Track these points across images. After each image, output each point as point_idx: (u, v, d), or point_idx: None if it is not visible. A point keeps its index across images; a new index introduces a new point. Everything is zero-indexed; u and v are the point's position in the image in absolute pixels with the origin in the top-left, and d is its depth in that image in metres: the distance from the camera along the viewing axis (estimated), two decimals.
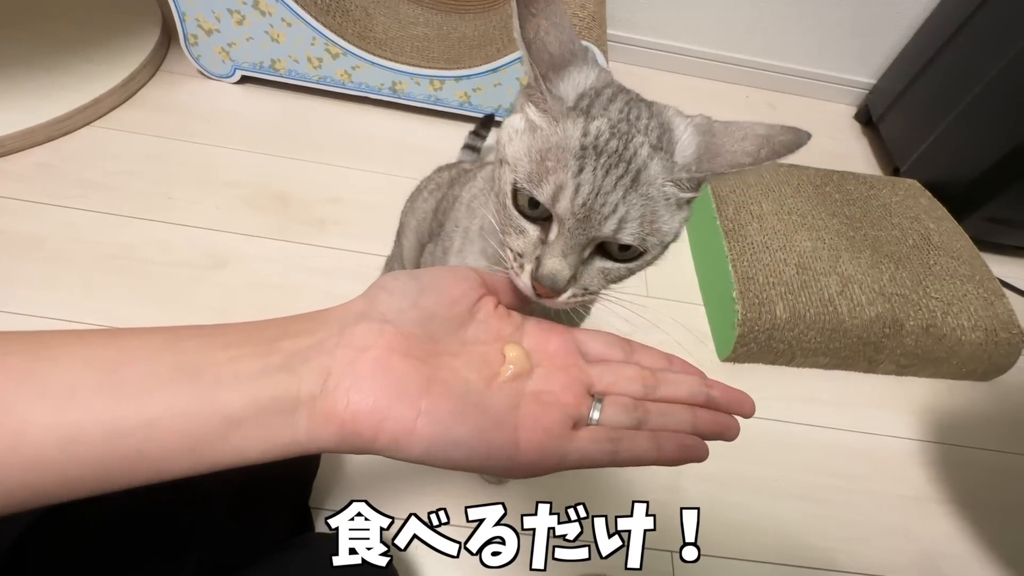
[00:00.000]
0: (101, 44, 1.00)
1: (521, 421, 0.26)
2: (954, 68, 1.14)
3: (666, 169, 0.29)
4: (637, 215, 0.28)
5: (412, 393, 0.24)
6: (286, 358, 0.24)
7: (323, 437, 0.24)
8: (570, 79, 0.30)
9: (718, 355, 0.86)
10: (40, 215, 0.81)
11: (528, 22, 0.29)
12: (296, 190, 0.92)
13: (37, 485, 0.21)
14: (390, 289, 0.28)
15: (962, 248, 0.96)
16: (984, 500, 0.77)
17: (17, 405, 0.21)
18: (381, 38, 1.06)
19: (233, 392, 0.23)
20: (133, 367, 0.23)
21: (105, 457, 0.21)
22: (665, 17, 1.30)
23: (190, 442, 0.22)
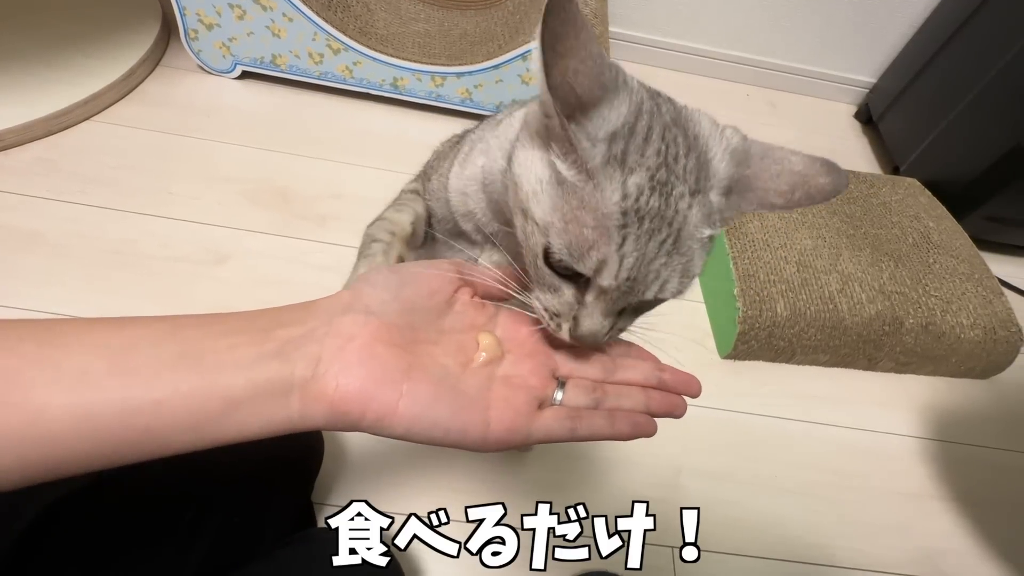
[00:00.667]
0: (101, 39, 0.99)
1: (492, 402, 0.29)
2: (954, 67, 1.14)
3: (704, 214, 0.28)
4: (678, 274, 0.28)
5: (395, 377, 0.27)
6: (280, 345, 0.26)
7: (314, 416, 0.26)
8: (600, 119, 0.26)
9: (719, 352, 0.86)
10: (40, 210, 0.80)
11: (555, 67, 0.25)
12: (297, 186, 0.92)
13: (54, 460, 0.23)
14: (373, 282, 0.30)
15: (961, 247, 0.96)
16: (983, 497, 0.77)
17: (35, 388, 0.23)
18: (382, 34, 1.06)
19: (233, 376, 0.25)
20: (140, 353, 0.25)
21: (116, 434, 0.23)
22: (666, 15, 1.30)
23: (194, 420, 0.24)
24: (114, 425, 0.23)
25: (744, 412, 0.80)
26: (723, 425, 0.78)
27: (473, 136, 0.44)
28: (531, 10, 1.08)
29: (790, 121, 1.34)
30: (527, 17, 1.07)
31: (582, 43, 0.25)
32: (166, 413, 0.24)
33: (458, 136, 0.51)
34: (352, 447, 0.67)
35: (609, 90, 0.26)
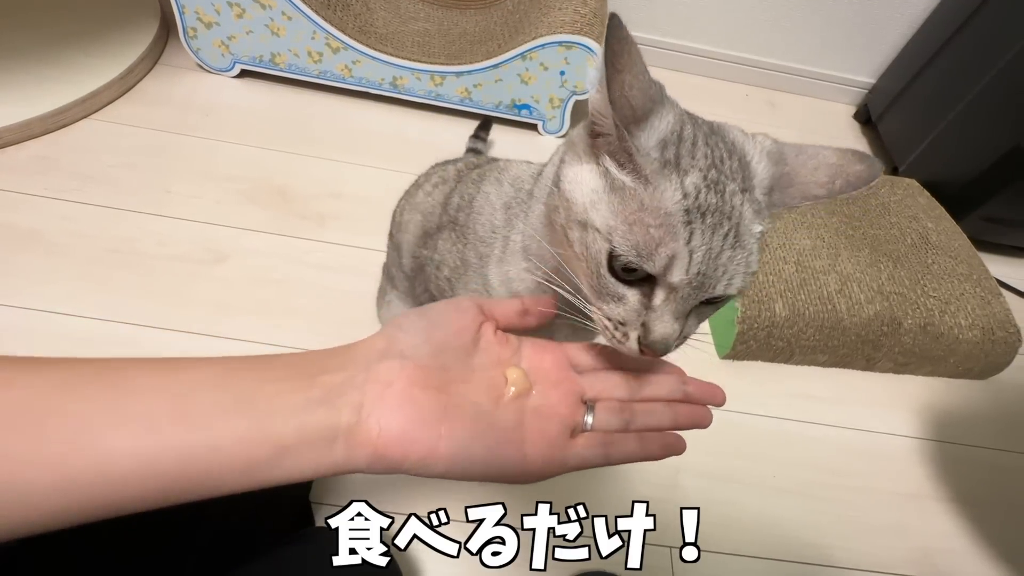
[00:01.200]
0: (99, 37, 0.99)
1: (527, 435, 0.30)
2: (953, 68, 1.14)
3: (755, 210, 0.29)
4: (742, 268, 0.29)
5: (432, 420, 0.28)
6: (325, 392, 0.27)
7: (358, 460, 0.27)
8: (651, 129, 0.29)
9: (717, 352, 0.86)
10: (37, 208, 0.80)
11: (615, 82, 0.27)
12: (296, 185, 0.92)
13: (116, 501, 0.24)
14: (405, 327, 0.31)
15: (960, 247, 0.96)
16: (981, 497, 0.77)
17: (105, 433, 0.24)
18: (382, 33, 1.06)
19: (283, 423, 0.26)
20: (199, 398, 0.26)
21: (175, 478, 0.24)
22: (666, 15, 1.30)
23: (245, 465, 0.25)
24: (174, 469, 0.24)
25: (743, 412, 0.80)
26: (722, 425, 0.78)
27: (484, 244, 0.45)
28: (531, 10, 1.08)
29: (789, 121, 1.34)
30: (526, 17, 1.07)
31: (634, 60, 0.28)
32: (222, 458, 0.25)
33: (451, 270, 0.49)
34: None
35: (656, 102, 0.29)
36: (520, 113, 1.07)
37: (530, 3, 1.10)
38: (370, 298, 0.81)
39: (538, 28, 0.97)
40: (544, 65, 0.99)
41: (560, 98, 1.04)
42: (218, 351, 0.71)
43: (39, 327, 0.70)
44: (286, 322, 0.76)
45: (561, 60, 0.98)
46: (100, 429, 0.24)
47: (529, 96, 1.04)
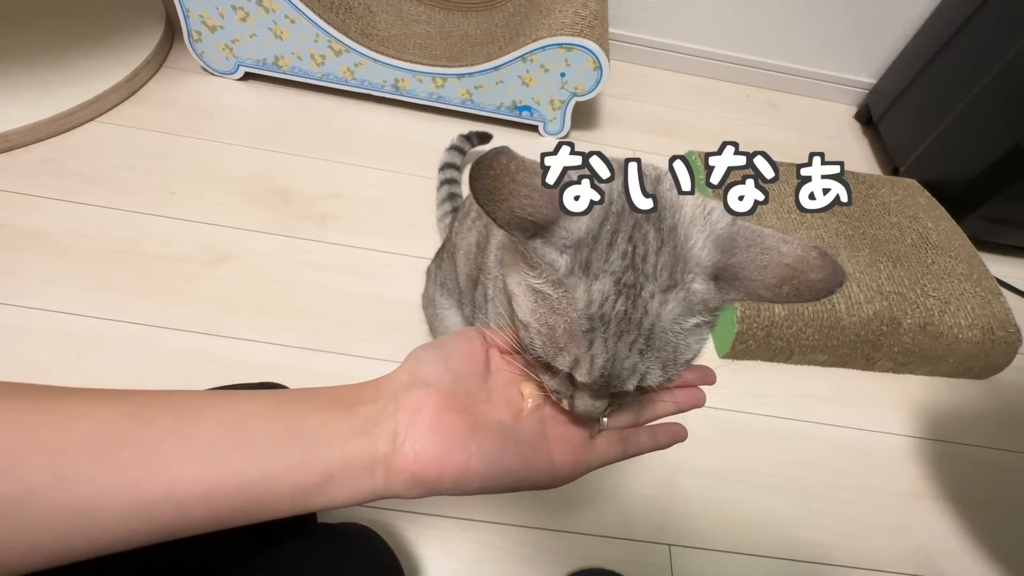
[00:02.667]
0: (105, 40, 1.00)
1: (552, 443, 0.32)
2: (954, 69, 1.14)
3: (685, 305, 0.28)
4: (657, 365, 0.29)
5: (463, 440, 0.30)
6: (364, 422, 0.29)
7: (397, 484, 0.29)
8: (564, 231, 0.28)
9: (717, 352, 0.86)
10: (43, 210, 0.81)
11: (499, 210, 0.26)
12: (298, 186, 0.93)
13: (178, 526, 0.25)
14: (424, 359, 0.33)
15: (960, 247, 0.96)
16: (980, 497, 0.77)
17: (172, 461, 0.25)
18: (384, 35, 1.07)
19: (328, 451, 0.28)
20: (255, 427, 0.27)
21: (233, 503, 0.26)
22: (667, 16, 1.30)
23: (294, 491, 0.27)
24: (233, 494, 0.26)
25: (742, 411, 0.80)
26: (721, 424, 0.79)
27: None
28: (531, 12, 1.08)
29: (790, 122, 1.34)
30: (527, 19, 1.08)
31: (520, 184, 0.26)
32: (274, 485, 0.26)
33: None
34: None
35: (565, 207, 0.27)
36: (521, 115, 1.08)
37: (530, 6, 1.10)
38: (370, 298, 0.82)
39: (539, 30, 0.98)
40: (545, 67, 0.99)
41: (561, 100, 1.05)
42: (221, 350, 0.72)
43: (44, 326, 0.71)
44: (287, 322, 0.76)
45: (562, 62, 0.99)
46: (169, 456, 0.25)
47: (530, 98, 1.05)
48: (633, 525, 0.68)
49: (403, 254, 0.87)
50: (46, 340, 0.70)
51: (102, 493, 0.24)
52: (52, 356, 0.69)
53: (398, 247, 0.88)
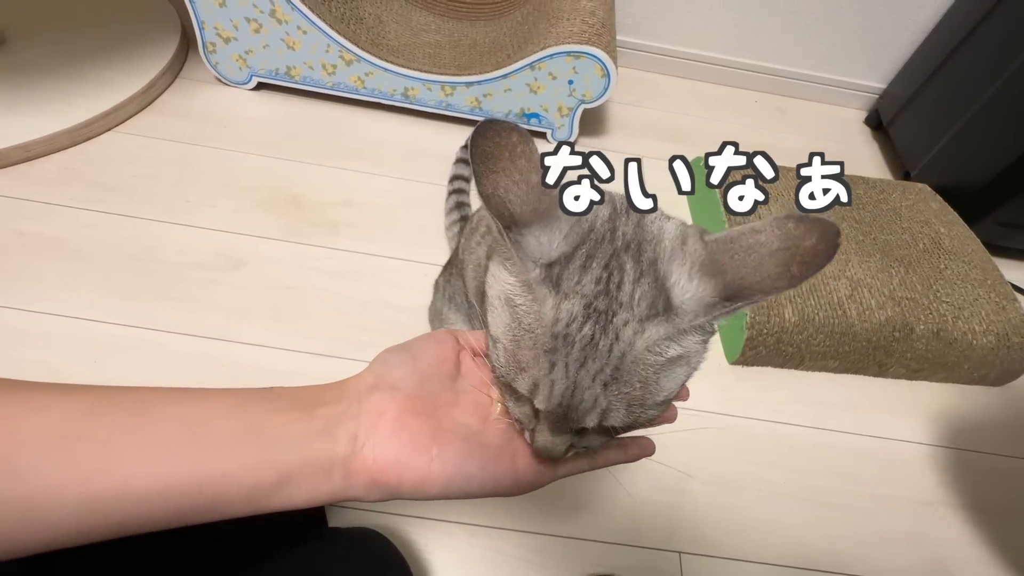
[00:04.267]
0: (123, 53, 1.03)
1: (518, 449, 0.31)
2: (964, 73, 1.14)
3: (667, 330, 0.26)
4: (622, 403, 0.27)
5: (424, 444, 0.29)
6: (325, 423, 0.29)
7: (356, 487, 0.29)
8: (536, 242, 0.27)
9: (727, 358, 0.86)
10: (62, 217, 0.83)
11: (486, 178, 0.26)
12: (310, 193, 0.94)
13: (133, 522, 0.25)
14: (390, 361, 0.33)
15: (973, 252, 0.95)
16: (997, 506, 0.76)
17: (126, 456, 0.25)
18: (394, 45, 1.09)
19: (287, 451, 0.28)
20: (214, 426, 0.27)
21: (189, 500, 0.26)
22: (674, 23, 1.31)
23: (251, 491, 0.27)
24: (188, 491, 0.26)
25: (753, 418, 0.80)
26: (731, 431, 0.78)
27: None
28: (539, 21, 1.09)
29: (799, 127, 1.34)
30: (535, 27, 1.09)
31: (517, 168, 0.26)
32: (231, 483, 0.26)
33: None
34: None
35: (545, 217, 0.27)
36: (529, 122, 1.09)
37: (538, 14, 1.11)
38: (380, 303, 0.82)
39: (546, 39, 0.99)
40: (552, 75, 1.00)
41: (569, 107, 1.06)
42: (234, 356, 0.73)
43: (63, 332, 0.72)
44: (300, 327, 0.77)
45: (569, 70, 0.99)
46: (124, 452, 0.25)
47: (538, 105, 1.06)
48: (643, 532, 0.67)
49: (413, 260, 0.88)
50: (64, 345, 0.71)
51: (53, 487, 0.23)
52: (69, 361, 0.71)
53: (408, 253, 0.88)
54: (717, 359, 0.86)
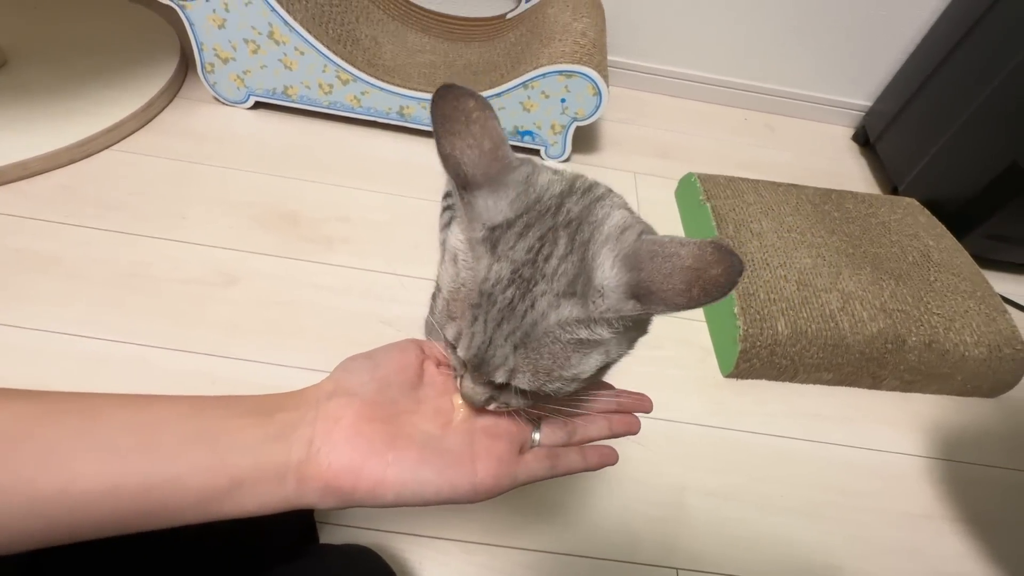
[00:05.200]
0: (123, 72, 1.05)
1: (477, 455, 0.31)
2: (948, 90, 1.16)
3: (578, 314, 0.27)
4: (529, 368, 0.28)
5: (380, 449, 0.29)
6: (281, 428, 0.29)
7: (309, 493, 0.29)
8: (484, 205, 0.29)
9: (721, 371, 0.86)
10: (58, 235, 0.84)
11: (444, 139, 0.28)
12: (305, 210, 0.95)
13: (77, 526, 0.25)
14: (350, 369, 0.33)
15: (962, 265, 0.96)
16: (996, 518, 0.76)
17: (72, 458, 0.25)
18: (389, 65, 1.11)
19: (240, 456, 0.28)
20: (166, 430, 0.27)
21: (135, 505, 0.26)
22: (665, 43, 1.34)
23: (202, 496, 0.27)
24: (136, 496, 0.26)
25: (748, 431, 0.80)
26: (727, 444, 0.78)
27: None
28: (532, 41, 1.12)
29: (788, 144, 1.36)
30: (528, 48, 1.11)
31: (472, 132, 0.29)
32: (181, 488, 0.26)
33: None
34: None
35: (494, 182, 0.29)
36: (523, 139, 1.11)
37: (531, 36, 1.14)
38: (375, 319, 0.83)
39: (539, 58, 1.01)
40: (545, 93, 1.02)
41: (561, 124, 1.07)
42: (227, 371, 0.73)
43: (57, 348, 0.72)
44: (293, 342, 0.77)
45: (562, 88, 1.01)
46: (69, 454, 0.25)
47: (531, 123, 1.08)
48: (641, 548, 0.67)
49: (408, 275, 0.88)
50: (57, 361, 0.71)
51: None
52: (61, 377, 0.70)
53: (402, 269, 0.89)
54: (711, 372, 0.86)
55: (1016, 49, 1.00)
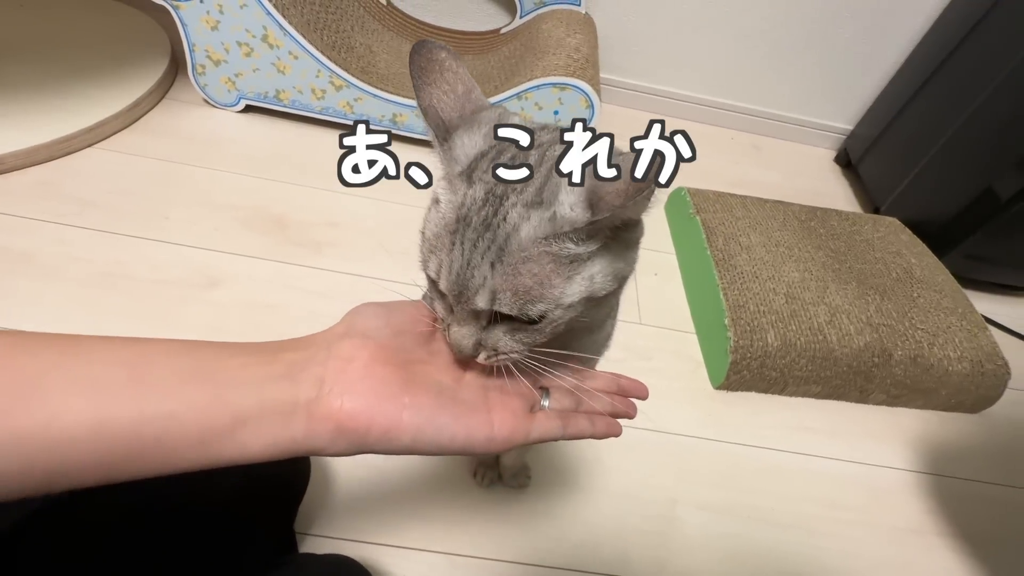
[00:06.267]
0: (110, 72, 1.03)
1: (492, 407, 0.31)
2: (926, 116, 1.21)
3: (546, 226, 0.27)
4: (508, 287, 0.27)
5: (395, 392, 0.28)
6: (287, 367, 0.28)
7: (320, 434, 0.27)
8: (460, 144, 0.29)
9: (711, 382, 0.86)
10: (33, 231, 0.80)
11: (422, 92, 0.30)
12: (294, 213, 0.93)
13: (59, 467, 0.23)
14: (364, 313, 0.32)
15: (944, 282, 0.98)
16: (984, 533, 0.76)
17: (51, 393, 0.23)
18: (383, 73, 1.11)
19: (243, 393, 0.26)
20: (157, 366, 0.26)
21: (127, 444, 0.23)
22: (656, 63, 1.37)
23: (202, 435, 0.25)
24: (127, 434, 0.23)
25: (738, 443, 0.79)
26: (718, 456, 0.77)
27: None
28: (526, 55, 1.13)
29: (774, 163, 1.39)
30: (522, 61, 1.13)
31: (446, 80, 0.31)
32: (177, 425, 0.24)
33: None
34: (338, 478, 0.65)
35: (469, 121, 0.30)
36: None
37: (525, 49, 1.16)
38: None
39: (533, 71, 1.02)
40: (539, 105, 1.03)
41: None
42: None
43: None
44: None
45: (555, 100, 1.02)
46: (50, 386, 0.23)
47: None
48: (633, 562, 0.65)
49: (396, 281, 0.87)
50: None
51: None
52: None
53: (391, 275, 0.87)
54: (702, 383, 0.86)
55: (991, 78, 1.04)
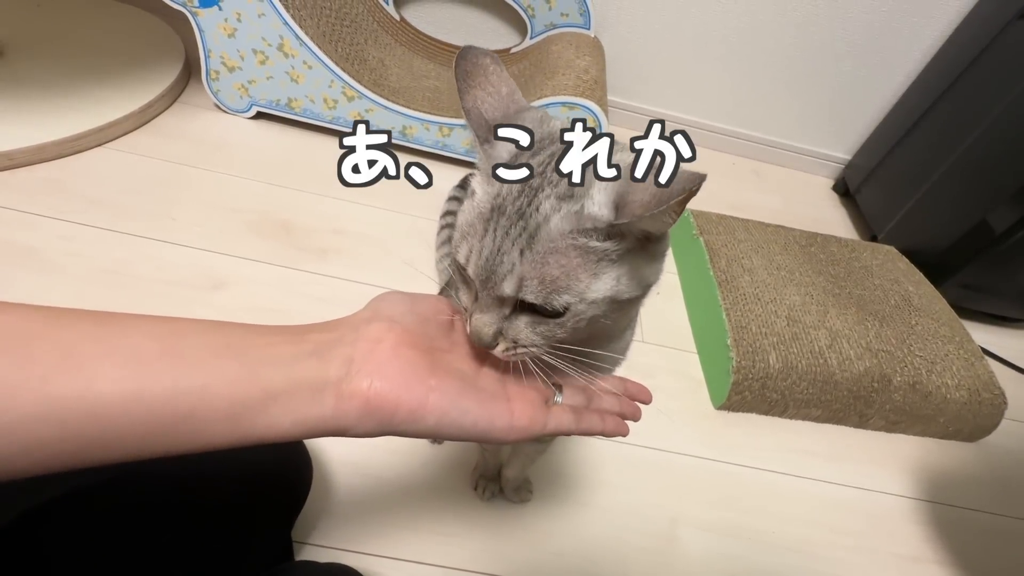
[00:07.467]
0: (123, 74, 1.04)
1: (511, 396, 0.32)
2: (923, 147, 1.24)
3: (574, 220, 0.28)
4: (536, 275, 0.28)
5: (422, 374, 0.29)
6: (315, 346, 0.28)
7: (348, 413, 0.27)
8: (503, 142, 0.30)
9: (712, 402, 0.86)
10: (39, 227, 0.80)
11: (467, 94, 0.32)
12: (300, 219, 0.93)
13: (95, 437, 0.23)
14: (389, 300, 0.33)
15: (941, 311, 1.00)
16: (981, 563, 0.75)
17: (88, 361, 0.23)
18: (395, 87, 1.12)
19: (273, 370, 0.26)
20: (188, 340, 0.26)
21: (161, 416, 0.24)
22: (661, 88, 1.40)
23: (233, 410, 0.25)
24: (160, 405, 0.24)
25: (739, 464, 0.79)
26: (718, 477, 0.77)
27: None
28: (535, 74, 1.16)
29: (774, 189, 1.42)
30: (532, 80, 1.15)
31: (491, 82, 0.32)
32: (209, 398, 0.25)
33: None
34: (338, 488, 0.64)
35: (512, 119, 0.32)
36: None
37: (535, 69, 1.18)
38: None
39: (543, 89, 1.04)
40: None
41: None
42: None
43: None
44: None
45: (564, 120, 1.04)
46: (86, 356, 0.23)
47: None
48: None
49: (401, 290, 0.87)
50: None
51: (10, 389, 0.21)
52: None
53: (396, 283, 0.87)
54: (703, 404, 0.86)
55: (986, 113, 1.07)
